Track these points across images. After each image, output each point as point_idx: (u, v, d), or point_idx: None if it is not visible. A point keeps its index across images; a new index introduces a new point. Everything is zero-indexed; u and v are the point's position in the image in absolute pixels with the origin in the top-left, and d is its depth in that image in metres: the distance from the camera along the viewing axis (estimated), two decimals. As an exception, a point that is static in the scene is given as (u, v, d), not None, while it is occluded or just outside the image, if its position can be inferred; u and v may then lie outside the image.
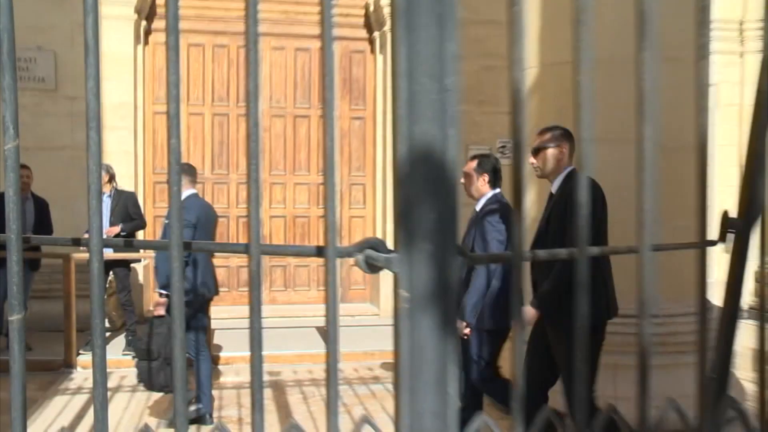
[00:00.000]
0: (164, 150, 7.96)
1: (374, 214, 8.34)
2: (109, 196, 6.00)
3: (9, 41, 0.93)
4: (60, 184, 6.75)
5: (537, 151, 3.32)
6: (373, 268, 1.00)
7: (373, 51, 8.40)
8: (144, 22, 7.75)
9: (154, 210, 7.88)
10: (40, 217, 6.06)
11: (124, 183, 7.01)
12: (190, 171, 4.56)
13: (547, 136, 3.32)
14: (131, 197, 6.18)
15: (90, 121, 0.93)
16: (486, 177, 3.79)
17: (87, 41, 0.95)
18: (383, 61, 8.22)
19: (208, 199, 7.63)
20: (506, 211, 3.71)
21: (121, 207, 5.98)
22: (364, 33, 8.43)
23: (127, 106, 7.49)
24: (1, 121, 0.94)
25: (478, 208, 3.82)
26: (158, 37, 7.95)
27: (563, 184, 3.26)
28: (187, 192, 4.47)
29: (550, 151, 3.29)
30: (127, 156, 7.43)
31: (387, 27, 8.02)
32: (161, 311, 4.36)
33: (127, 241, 1.09)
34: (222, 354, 5.87)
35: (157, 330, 4.36)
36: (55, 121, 7.08)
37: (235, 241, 8.09)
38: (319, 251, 1.00)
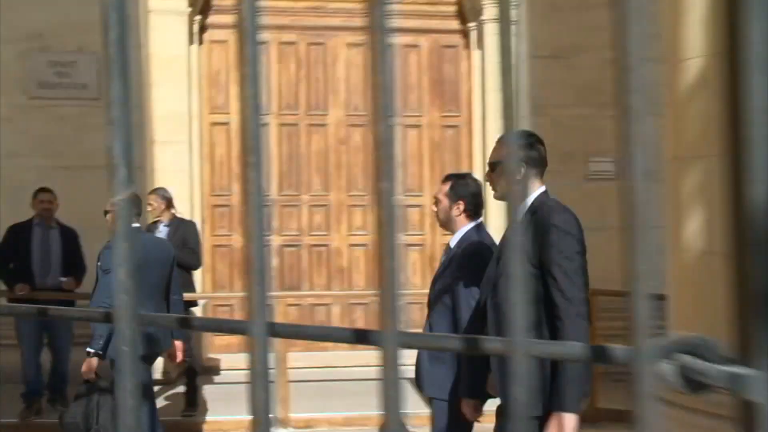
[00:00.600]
0: (224, 167, 7.88)
1: (472, 241, 8.03)
2: (167, 225, 5.91)
3: (121, 20, 0.69)
4: (95, 209, 6.69)
5: (490, 168, 2.98)
6: (697, 386, 0.72)
7: (467, 46, 8.16)
8: (198, 17, 7.72)
9: (213, 239, 7.79)
10: (68, 251, 6.01)
11: (179, 206, 6.92)
12: (135, 202, 4.43)
13: (500, 147, 2.95)
14: (191, 228, 6.11)
15: (249, 153, 0.69)
16: (461, 205, 3.41)
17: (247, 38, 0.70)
18: (480, 58, 7.96)
19: (274, 225, 7.49)
20: (484, 251, 3.30)
21: (179, 238, 5.88)
22: (456, 24, 8.21)
23: (181, 117, 7.44)
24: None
25: (452, 244, 3.49)
26: (215, 35, 7.92)
27: (529, 210, 2.87)
28: None
29: (504, 169, 2.86)
30: (181, 175, 7.37)
31: (485, 16, 7.77)
32: (92, 375, 4.28)
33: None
34: (299, 415, 5.65)
35: (101, 400, 4.30)
36: (98, 134, 7.06)
37: (306, 277, 7.92)
38: (603, 355, 0.74)
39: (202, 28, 7.86)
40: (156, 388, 5.76)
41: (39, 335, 6.00)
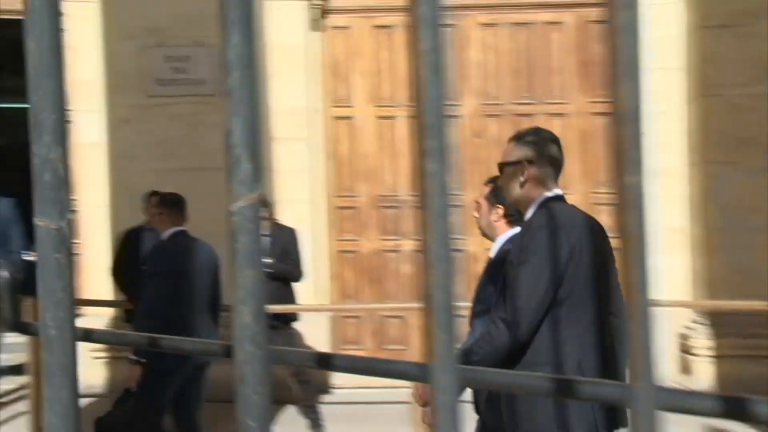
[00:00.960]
0: (349, 165, 7.82)
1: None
2: (266, 234, 5.85)
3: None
4: (215, 214, 6.74)
5: (500, 170, 2.99)
6: None
7: (619, 20, 7.79)
8: (319, 2, 7.69)
9: (338, 244, 7.73)
10: None
11: (300, 209, 6.91)
12: (178, 203, 4.58)
13: (508, 147, 2.96)
14: (292, 236, 6.05)
15: (427, 135, 0.52)
16: (500, 210, 3.41)
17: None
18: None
19: (406, 229, 7.39)
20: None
21: (280, 248, 5.83)
22: (605, -4, 7.84)
23: (300, 111, 7.43)
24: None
25: (492, 254, 3.45)
26: (337, 20, 7.87)
27: (532, 217, 2.87)
28: (170, 230, 4.52)
29: (509, 171, 2.91)
30: (302, 175, 7.35)
31: (640, -15, 7.38)
32: (133, 384, 4.32)
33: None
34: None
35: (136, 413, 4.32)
36: (216, 134, 7.13)
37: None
38: None
39: (323, 14, 7.83)
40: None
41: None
